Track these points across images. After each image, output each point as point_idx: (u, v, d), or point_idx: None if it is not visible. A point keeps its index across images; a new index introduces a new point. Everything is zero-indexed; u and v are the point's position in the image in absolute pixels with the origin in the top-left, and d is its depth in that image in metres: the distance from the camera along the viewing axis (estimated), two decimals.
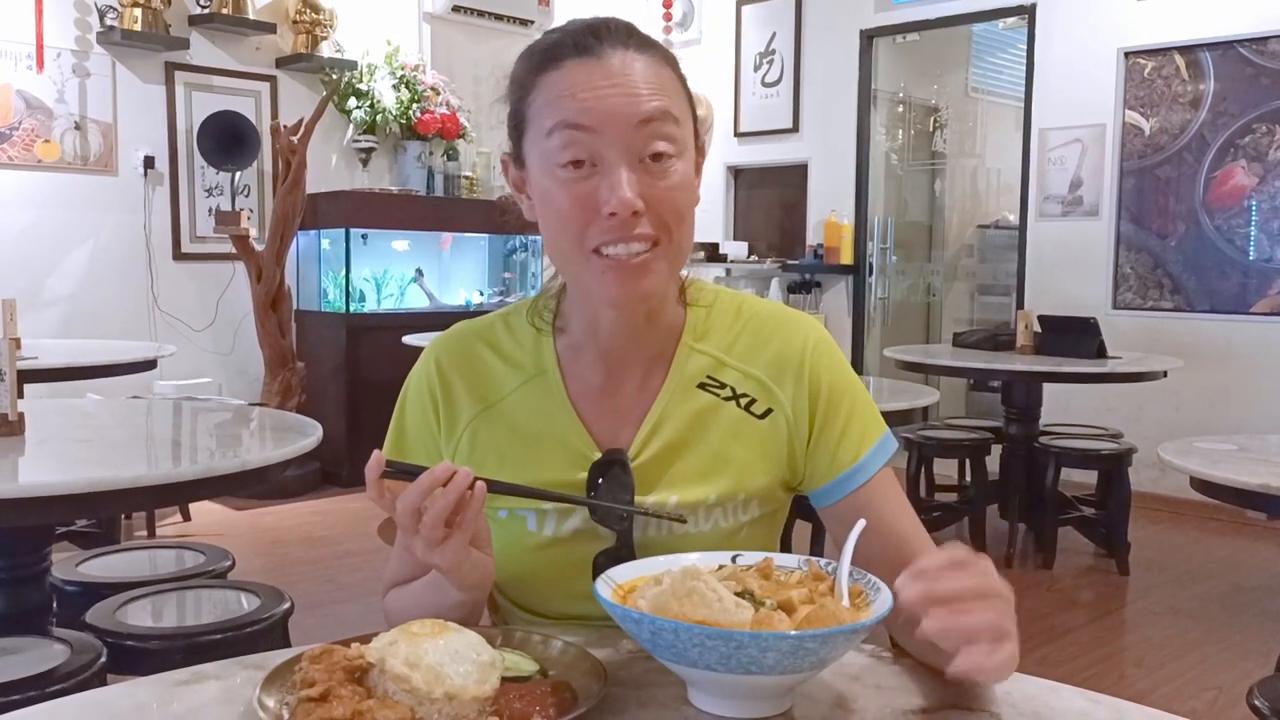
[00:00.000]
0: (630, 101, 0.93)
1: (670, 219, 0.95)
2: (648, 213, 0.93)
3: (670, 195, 0.95)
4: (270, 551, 4.12)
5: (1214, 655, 3.18)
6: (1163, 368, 3.95)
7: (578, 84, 0.93)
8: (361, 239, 5.46)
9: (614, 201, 0.91)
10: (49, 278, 4.88)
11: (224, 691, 0.84)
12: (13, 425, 1.89)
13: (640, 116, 0.93)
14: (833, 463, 1.03)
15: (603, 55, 0.94)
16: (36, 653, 1.75)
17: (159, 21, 5.03)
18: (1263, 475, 2.19)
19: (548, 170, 0.95)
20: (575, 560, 1.01)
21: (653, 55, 0.97)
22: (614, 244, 0.94)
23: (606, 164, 0.93)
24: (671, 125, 0.95)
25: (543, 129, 0.95)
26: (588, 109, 0.92)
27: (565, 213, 0.94)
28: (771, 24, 6.42)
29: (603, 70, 0.93)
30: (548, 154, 0.95)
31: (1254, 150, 4.74)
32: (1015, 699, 0.84)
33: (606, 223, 0.93)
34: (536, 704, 0.76)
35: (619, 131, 0.92)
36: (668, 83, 0.96)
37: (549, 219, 0.97)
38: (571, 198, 0.94)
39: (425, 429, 1.08)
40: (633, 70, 0.94)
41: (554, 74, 0.95)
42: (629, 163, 0.93)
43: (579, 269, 0.97)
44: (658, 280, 0.97)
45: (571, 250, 0.96)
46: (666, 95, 0.95)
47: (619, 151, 0.92)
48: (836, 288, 6.31)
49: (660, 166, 0.94)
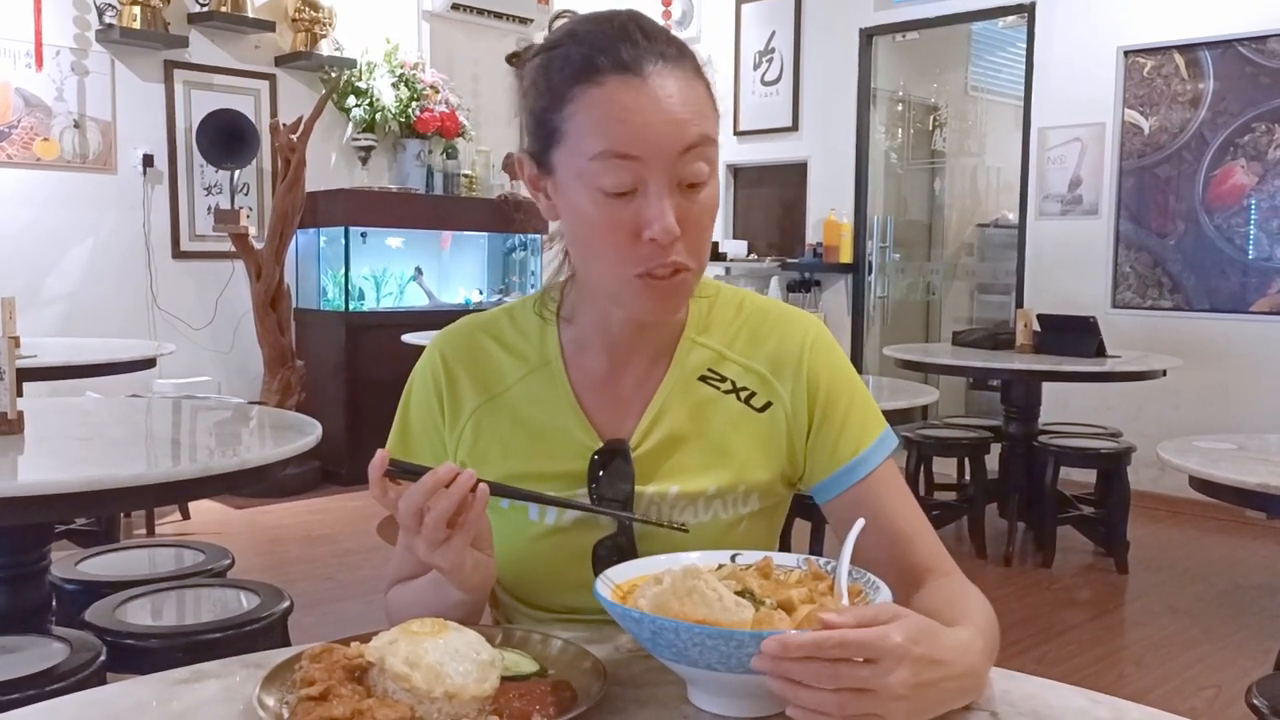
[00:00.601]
0: (676, 129, 0.92)
1: (701, 240, 0.97)
2: (683, 235, 0.94)
3: (702, 216, 0.96)
4: (270, 550, 4.12)
5: (1213, 654, 3.19)
6: (1162, 367, 3.95)
7: (625, 108, 0.91)
8: (361, 237, 5.46)
9: (656, 229, 0.91)
10: (48, 276, 4.88)
11: (224, 690, 0.84)
12: (12, 424, 1.89)
13: (684, 145, 0.92)
14: (832, 457, 1.04)
15: (645, 74, 0.92)
16: (36, 651, 1.75)
17: (158, 19, 5.02)
18: (1262, 474, 2.19)
19: (587, 191, 0.94)
20: (576, 549, 1.02)
21: (685, 66, 0.95)
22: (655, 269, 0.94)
23: (648, 190, 0.92)
24: (710, 148, 0.95)
25: (584, 150, 0.92)
26: (636, 138, 0.91)
27: (607, 236, 0.94)
28: (771, 22, 6.42)
29: (648, 94, 0.91)
30: (589, 175, 0.93)
31: (1253, 149, 4.74)
32: (1014, 698, 0.84)
33: (649, 247, 0.93)
34: (536, 703, 0.77)
35: (664, 160, 0.92)
36: (703, 100, 0.95)
37: (584, 236, 0.97)
38: (611, 220, 0.93)
39: (430, 422, 1.08)
40: (674, 92, 0.92)
41: (595, 91, 0.92)
42: (670, 189, 0.93)
43: (614, 287, 0.98)
44: (687, 298, 1.01)
45: (612, 272, 0.96)
46: (705, 116, 0.95)
47: (662, 178, 0.92)
48: (836, 286, 6.31)
49: (696, 192, 0.95)
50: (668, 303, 0.97)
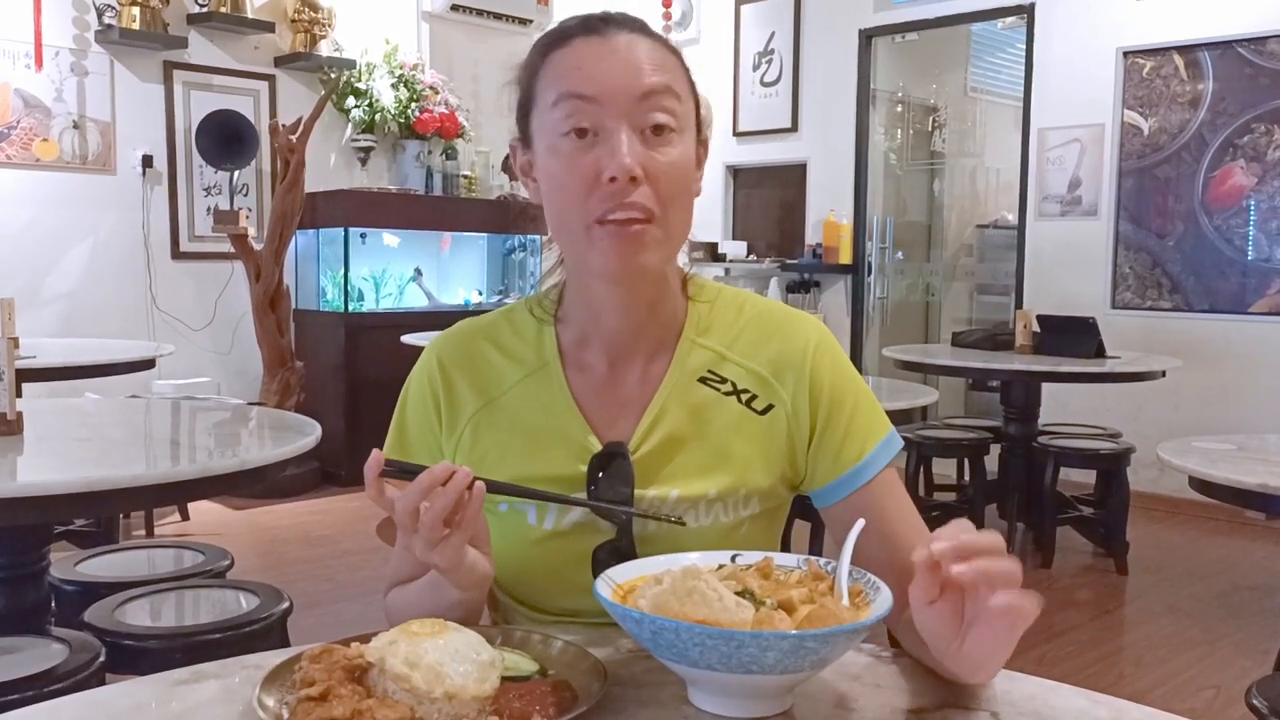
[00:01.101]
0: (633, 74, 0.95)
1: (666, 195, 0.96)
2: (646, 183, 0.94)
3: (669, 169, 0.96)
4: (269, 551, 4.12)
5: (1212, 654, 3.19)
6: (1161, 367, 3.95)
7: (583, 57, 0.97)
8: (360, 238, 5.45)
9: (613, 166, 0.93)
10: (47, 277, 4.88)
11: (223, 691, 0.84)
12: (11, 424, 1.89)
13: (643, 89, 0.95)
14: (835, 463, 1.03)
15: (609, 34, 0.97)
16: (35, 652, 1.75)
17: (157, 20, 5.02)
18: (1261, 475, 2.19)
19: (551, 143, 0.97)
20: (575, 553, 1.01)
21: (659, 41, 1.00)
22: (613, 211, 0.95)
23: (607, 132, 0.95)
24: (673, 100, 0.97)
25: (548, 102, 0.97)
26: (591, 79, 0.95)
27: (567, 182, 0.96)
28: (770, 23, 6.42)
29: (608, 46, 0.97)
30: (552, 125, 0.97)
31: (1253, 150, 4.74)
32: (1014, 698, 0.84)
33: (607, 189, 0.94)
34: (536, 703, 0.76)
35: (621, 102, 0.94)
36: (671, 65, 0.99)
37: (552, 193, 0.99)
38: (573, 167, 0.95)
39: (426, 427, 1.08)
40: (637, 48, 0.97)
41: (561, 51, 0.98)
42: (630, 133, 0.94)
43: (580, 242, 0.98)
44: (653, 256, 0.97)
45: (574, 222, 0.97)
46: (670, 73, 0.98)
47: (620, 121, 0.94)
48: (835, 287, 6.31)
49: (660, 139, 0.96)
50: (629, 256, 0.96)
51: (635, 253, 0.96)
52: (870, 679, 0.88)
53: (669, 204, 0.96)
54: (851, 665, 0.90)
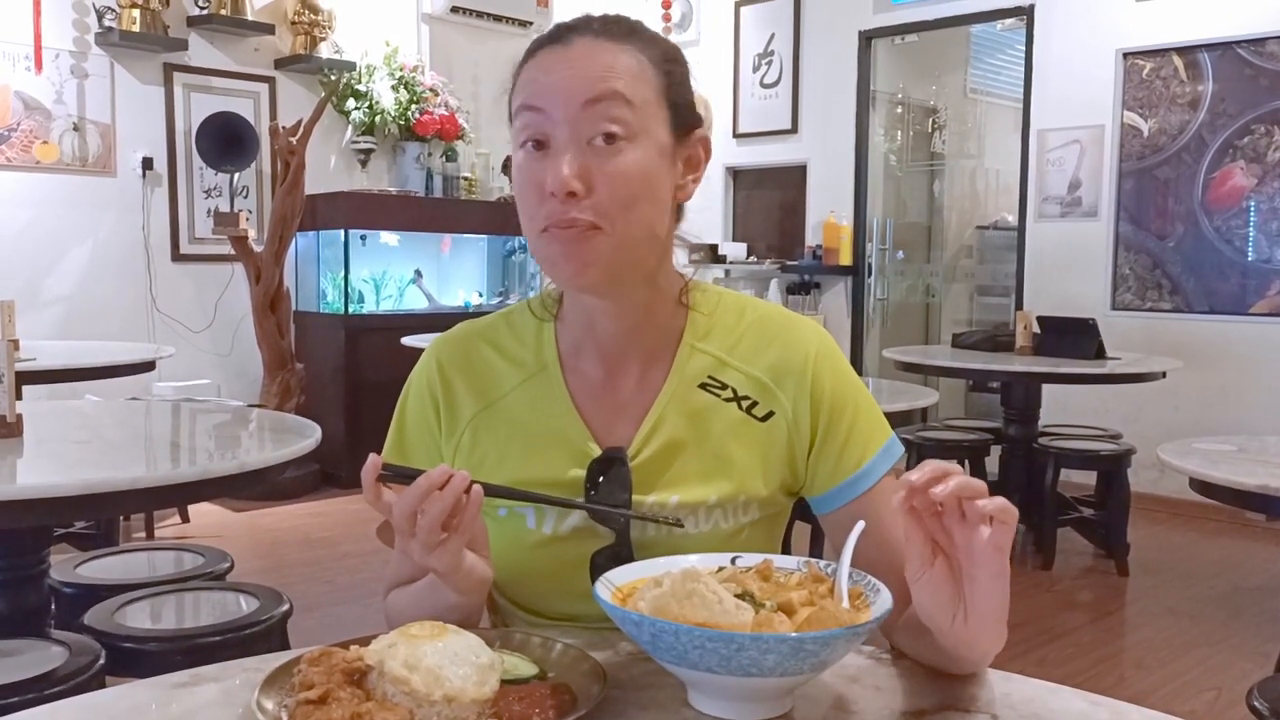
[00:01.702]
0: (578, 81, 0.95)
1: (613, 203, 0.94)
2: (591, 195, 0.94)
3: (616, 179, 0.94)
4: (269, 553, 4.11)
5: (1213, 656, 3.18)
6: (1161, 368, 3.95)
7: (540, 68, 0.97)
8: (360, 240, 5.46)
9: (550, 179, 0.93)
10: (47, 279, 4.88)
11: (222, 694, 0.83)
12: (11, 427, 1.89)
13: (586, 96, 0.94)
14: (836, 470, 1.03)
15: (569, 42, 0.97)
16: (35, 655, 1.75)
17: (157, 22, 5.02)
18: (1261, 476, 2.19)
19: (515, 153, 0.99)
20: (574, 558, 1.01)
21: (627, 44, 0.98)
22: (555, 221, 0.95)
23: (555, 144, 0.95)
24: (622, 108, 0.94)
25: (512, 115, 0.99)
26: (539, 90, 0.96)
27: (521, 193, 0.98)
28: (770, 25, 6.42)
29: (564, 55, 0.97)
30: (515, 138, 0.99)
31: (1253, 151, 4.74)
32: (1014, 700, 0.84)
33: (549, 203, 0.94)
34: (536, 706, 0.76)
35: (565, 111, 0.94)
36: (631, 68, 0.96)
37: (516, 201, 1.00)
38: (527, 178, 0.97)
39: (426, 429, 1.08)
40: (594, 55, 0.96)
41: (529, 63, 0.99)
42: (576, 144, 0.94)
43: (535, 249, 0.99)
44: (601, 260, 0.95)
45: (528, 229, 0.99)
46: (620, 78, 0.95)
47: (566, 132, 0.94)
48: (835, 289, 6.31)
49: (610, 149, 0.94)
50: (575, 262, 0.96)
51: (580, 260, 0.95)
52: (870, 681, 0.88)
53: (620, 211, 0.94)
54: (851, 667, 0.90)
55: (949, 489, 0.77)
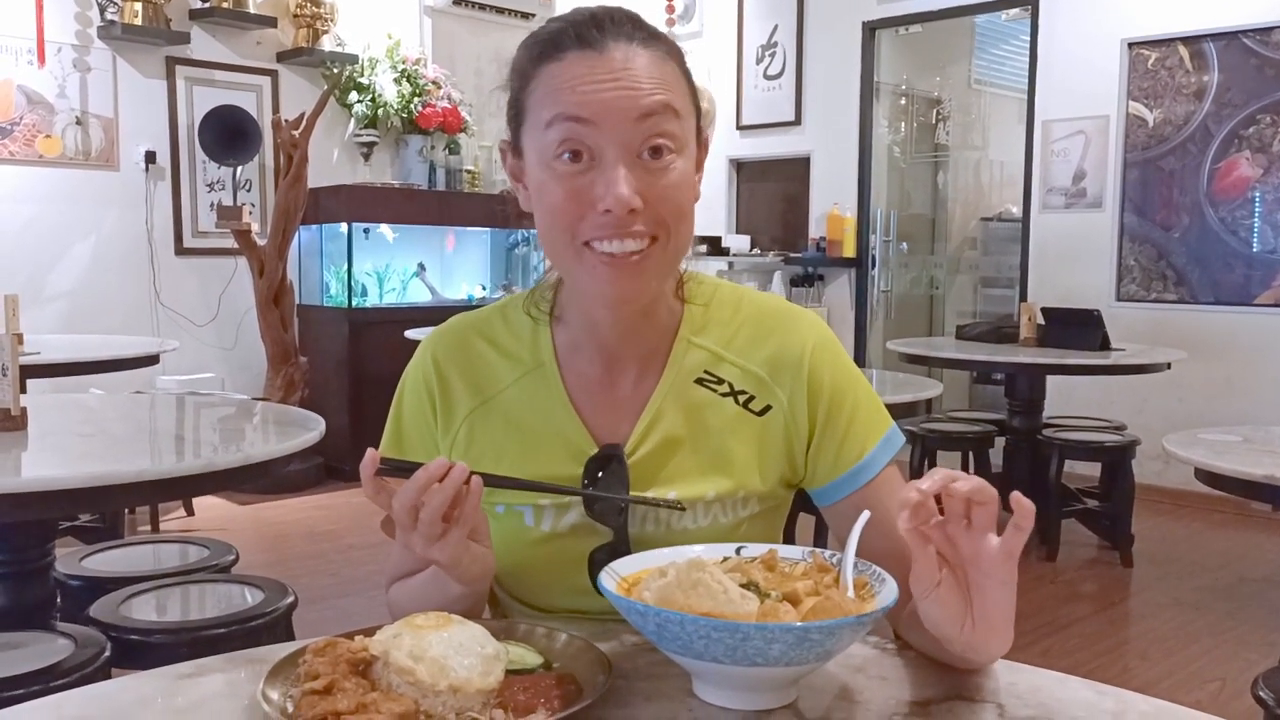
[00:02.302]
0: (630, 96, 0.91)
1: (669, 217, 0.93)
2: (645, 210, 0.91)
3: (669, 193, 0.93)
4: (274, 546, 4.12)
5: (1218, 647, 3.18)
6: (1166, 360, 3.95)
7: (578, 76, 0.91)
8: (363, 233, 5.45)
9: (609, 198, 0.90)
10: (51, 273, 4.89)
11: (228, 685, 0.84)
12: (15, 420, 1.89)
13: (640, 111, 0.91)
14: (836, 462, 1.02)
15: (605, 48, 0.92)
16: (40, 647, 1.75)
17: (159, 16, 5.02)
18: (1268, 466, 2.18)
19: (544, 162, 0.94)
20: (573, 555, 1.01)
21: (657, 49, 0.95)
22: (608, 240, 0.92)
23: (604, 159, 0.91)
24: (672, 121, 0.93)
25: (541, 121, 0.93)
26: (586, 102, 0.91)
27: (559, 206, 0.93)
28: (773, 16, 6.40)
29: (604, 64, 0.92)
30: (545, 146, 0.93)
31: (1258, 141, 4.72)
32: (1020, 690, 0.84)
33: (601, 218, 0.91)
34: (541, 696, 0.76)
35: (618, 126, 0.91)
36: (670, 77, 0.95)
37: (543, 211, 0.96)
38: (566, 191, 0.92)
39: (422, 424, 1.07)
40: (635, 64, 0.92)
41: (554, 65, 0.93)
42: (627, 159, 0.91)
43: (571, 263, 0.96)
44: (652, 280, 0.96)
45: (563, 243, 0.94)
46: (669, 90, 0.93)
47: (617, 147, 0.91)
48: (839, 281, 6.30)
49: (659, 163, 0.92)
50: (626, 283, 0.94)
51: (632, 281, 0.94)
52: (875, 671, 0.88)
53: (672, 224, 0.94)
54: (856, 657, 0.90)
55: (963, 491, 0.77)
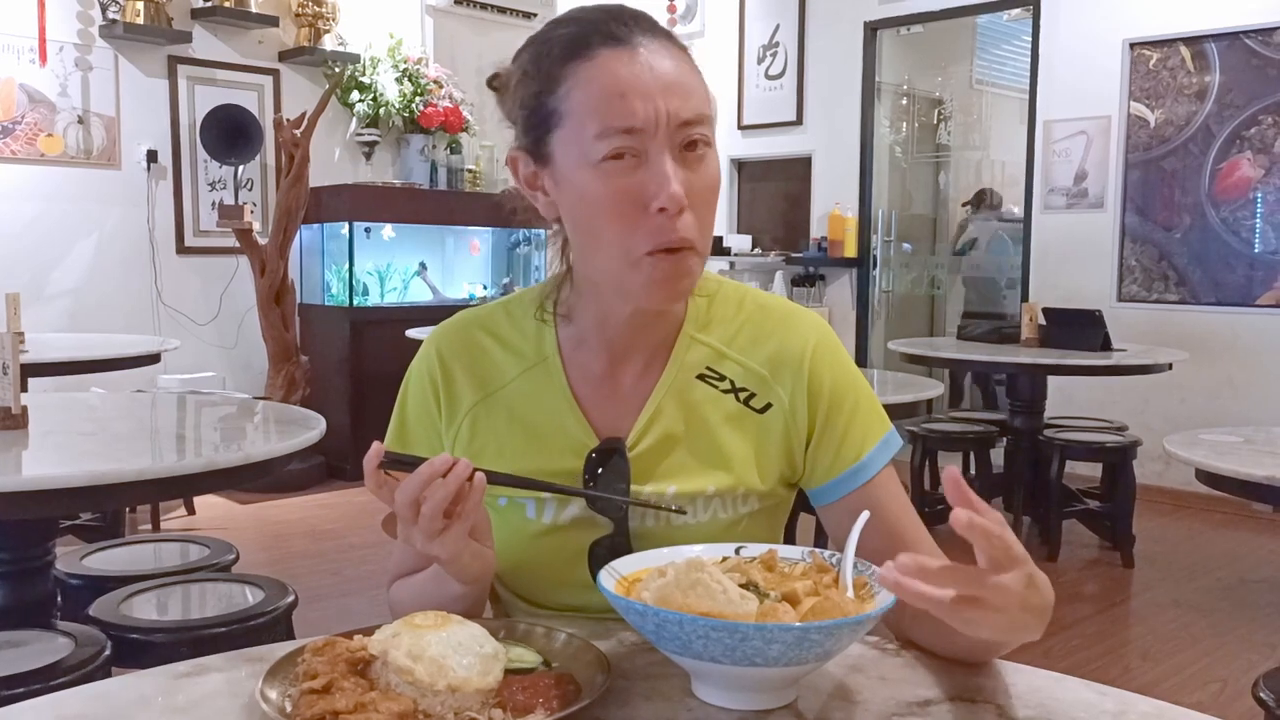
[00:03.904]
0: (676, 101, 0.91)
1: (706, 219, 0.95)
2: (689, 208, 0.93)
3: (705, 190, 0.94)
4: (274, 545, 4.12)
5: (1219, 648, 3.18)
6: (1168, 360, 3.94)
7: (621, 79, 0.91)
8: (365, 232, 5.46)
9: (664, 196, 0.90)
10: (52, 272, 4.89)
11: (227, 684, 0.84)
12: (16, 418, 1.89)
13: (685, 117, 0.92)
14: (834, 462, 1.02)
15: (635, 46, 0.92)
16: (41, 646, 1.75)
17: (161, 15, 5.02)
18: (1269, 467, 2.18)
19: (591, 169, 0.92)
20: (574, 548, 1.01)
21: (675, 49, 0.96)
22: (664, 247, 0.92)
23: (650, 160, 0.91)
24: (708, 126, 0.95)
25: (586, 128, 0.91)
26: (635, 110, 0.90)
27: (611, 211, 0.92)
28: (775, 16, 6.40)
29: (642, 64, 0.91)
30: (593, 153, 0.91)
31: (1260, 142, 4.72)
32: (1020, 690, 0.84)
33: (656, 219, 0.91)
34: (540, 696, 0.76)
35: (666, 131, 0.91)
36: (696, 77, 0.96)
37: (589, 219, 0.94)
38: (617, 195, 0.91)
39: (427, 418, 1.07)
40: (668, 65, 0.93)
41: (588, 65, 0.92)
42: (673, 156, 0.92)
43: (624, 272, 0.94)
44: (694, 281, 0.98)
45: (617, 251, 0.93)
46: (700, 93, 0.95)
47: (664, 148, 0.91)
48: (840, 280, 6.30)
49: (695, 155, 0.93)
50: (675, 287, 0.95)
51: (679, 281, 0.95)
52: (875, 671, 0.88)
53: (707, 225, 0.96)
54: (855, 658, 0.90)
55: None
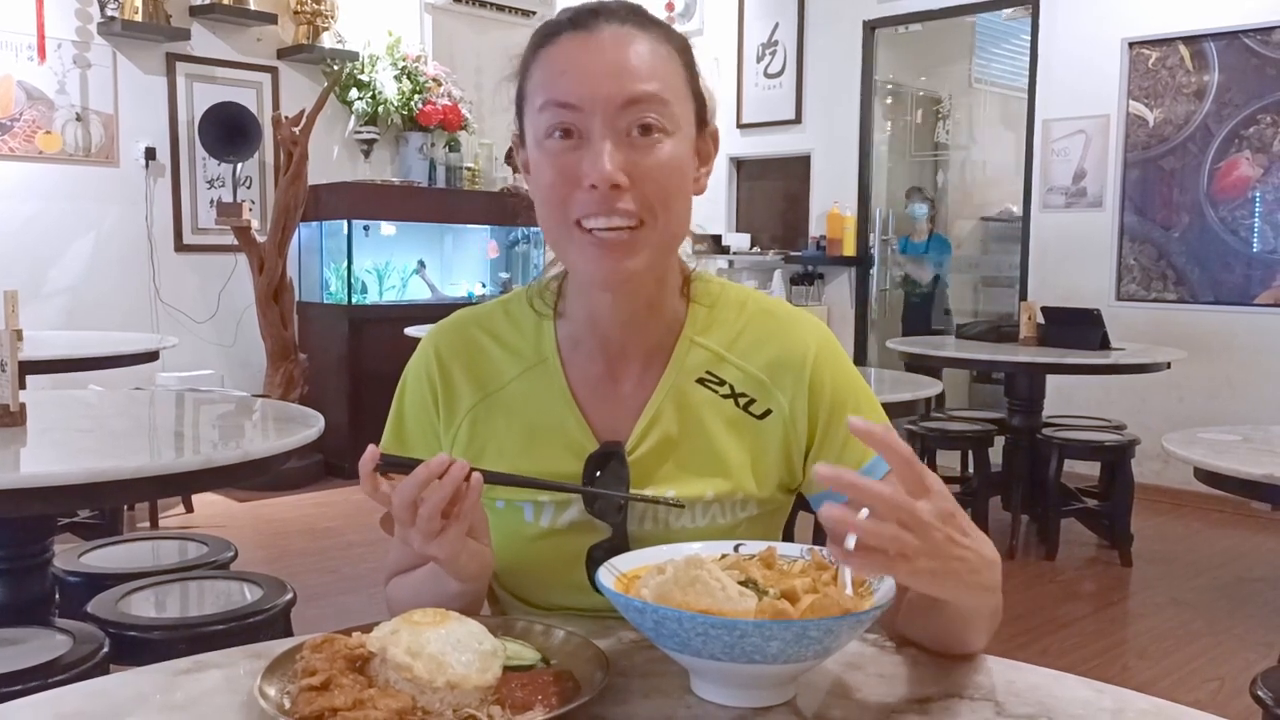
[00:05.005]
0: (617, 80, 0.92)
1: (655, 198, 0.93)
2: (632, 189, 0.92)
3: (657, 173, 0.93)
4: (273, 543, 4.12)
5: (1216, 646, 3.18)
6: (1166, 359, 3.95)
7: (569, 59, 0.94)
8: (363, 230, 5.45)
9: (594, 174, 0.91)
10: (50, 270, 4.88)
11: (225, 680, 0.84)
12: (14, 415, 1.89)
13: (625, 97, 0.92)
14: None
15: (596, 30, 0.94)
16: (39, 643, 1.75)
17: (159, 12, 5.02)
18: (1267, 465, 2.18)
19: (537, 142, 0.96)
20: (572, 552, 1.01)
21: (654, 34, 0.96)
22: (594, 216, 0.93)
23: (591, 137, 0.92)
24: (659, 104, 0.93)
25: (535, 105, 0.96)
26: (573, 86, 0.92)
27: (549, 183, 0.95)
28: (774, 15, 6.40)
29: (595, 45, 0.94)
30: (537, 128, 0.95)
31: (1258, 141, 4.72)
32: (1019, 688, 0.84)
33: (587, 194, 0.92)
34: (539, 693, 0.76)
35: (604, 110, 0.92)
36: (663, 62, 0.95)
37: (537, 191, 0.98)
38: (555, 168, 0.94)
39: (425, 418, 1.07)
40: (625, 47, 0.93)
41: (550, 49, 0.96)
42: (614, 137, 0.92)
43: (564, 244, 0.97)
44: (643, 261, 0.95)
45: (556, 223, 0.96)
46: (658, 77, 0.94)
47: (604, 127, 0.92)
48: (839, 279, 6.30)
49: (647, 141, 0.93)
50: (615, 262, 0.94)
51: (622, 259, 0.94)
52: (874, 669, 0.88)
53: (661, 205, 0.94)
54: (854, 655, 0.90)
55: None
